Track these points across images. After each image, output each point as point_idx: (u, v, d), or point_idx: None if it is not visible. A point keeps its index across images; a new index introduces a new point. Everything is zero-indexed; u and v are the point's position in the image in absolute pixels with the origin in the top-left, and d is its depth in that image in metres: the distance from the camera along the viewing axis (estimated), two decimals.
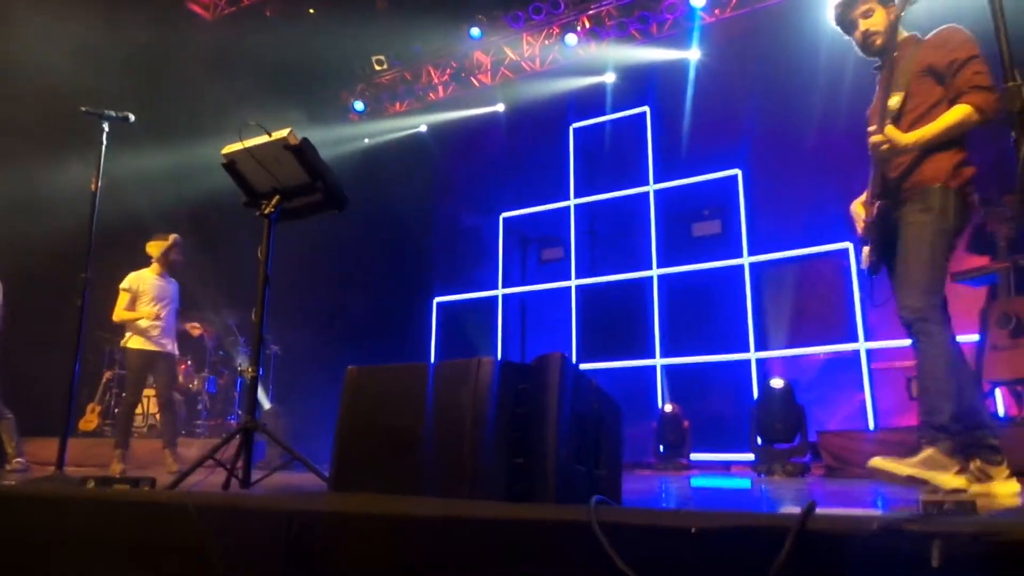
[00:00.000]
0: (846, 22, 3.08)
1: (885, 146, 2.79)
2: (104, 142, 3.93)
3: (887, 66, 2.97)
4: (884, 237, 2.96)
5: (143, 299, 5.55)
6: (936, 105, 2.80)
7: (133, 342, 5.47)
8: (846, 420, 6.39)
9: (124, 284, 5.58)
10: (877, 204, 2.97)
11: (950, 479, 2.53)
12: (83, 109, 3.93)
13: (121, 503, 1.99)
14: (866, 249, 3.04)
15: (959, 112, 2.70)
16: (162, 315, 5.57)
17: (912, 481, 2.52)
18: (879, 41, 3.00)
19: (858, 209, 3.09)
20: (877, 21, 3.00)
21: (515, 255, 8.57)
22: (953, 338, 2.72)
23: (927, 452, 2.58)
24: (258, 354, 3.16)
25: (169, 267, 5.69)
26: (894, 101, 2.87)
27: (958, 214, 2.76)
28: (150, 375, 5.62)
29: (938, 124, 2.75)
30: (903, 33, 3.00)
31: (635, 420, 6.74)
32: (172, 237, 5.71)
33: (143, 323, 5.48)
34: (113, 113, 3.98)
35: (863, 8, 3.03)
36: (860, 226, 3.06)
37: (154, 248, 5.68)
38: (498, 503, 1.65)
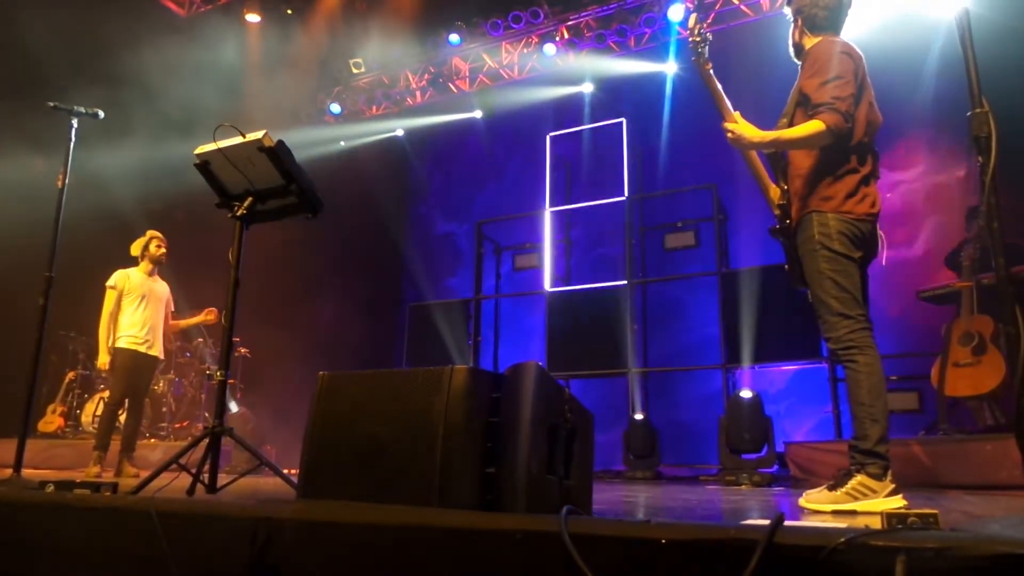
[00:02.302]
0: None
1: (730, 135, 2.87)
2: (72, 138, 3.84)
3: None
4: (793, 256, 2.96)
5: (129, 298, 5.41)
6: None
7: (122, 341, 5.32)
8: (813, 431, 6.47)
9: (110, 281, 5.44)
10: (777, 216, 2.97)
11: (879, 503, 2.51)
12: (51, 104, 3.84)
13: (81, 508, 1.94)
14: (786, 267, 3.05)
15: (811, 126, 2.70)
16: (149, 316, 5.43)
17: (840, 515, 2.47)
18: (791, 52, 3.08)
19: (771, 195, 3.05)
20: (792, 33, 3.06)
21: (489, 262, 8.56)
22: (878, 358, 2.68)
23: (855, 480, 2.58)
24: (227, 357, 3.11)
25: (153, 264, 5.57)
26: (782, 124, 2.93)
27: (844, 237, 2.73)
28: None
29: (790, 132, 2.80)
30: (811, 40, 2.95)
31: (606, 428, 6.77)
32: (148, 232, 5.61)
33: (127, 327, 5.35)
34: (83, 109, 3.88)
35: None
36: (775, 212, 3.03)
37: (135, 247, 5.58)
38: (468, 512, 1.64)
